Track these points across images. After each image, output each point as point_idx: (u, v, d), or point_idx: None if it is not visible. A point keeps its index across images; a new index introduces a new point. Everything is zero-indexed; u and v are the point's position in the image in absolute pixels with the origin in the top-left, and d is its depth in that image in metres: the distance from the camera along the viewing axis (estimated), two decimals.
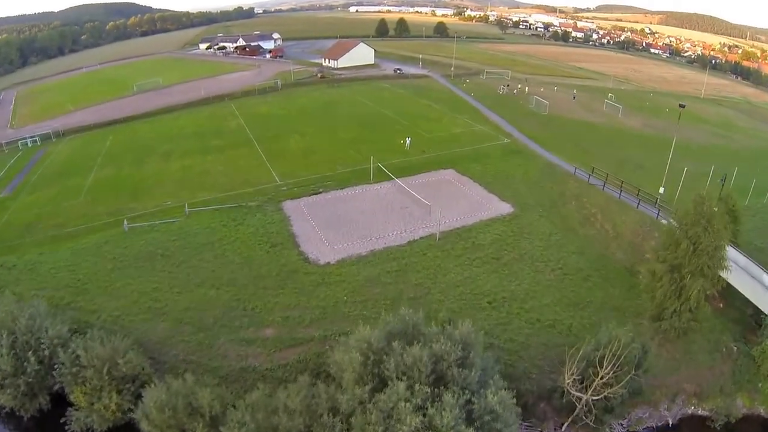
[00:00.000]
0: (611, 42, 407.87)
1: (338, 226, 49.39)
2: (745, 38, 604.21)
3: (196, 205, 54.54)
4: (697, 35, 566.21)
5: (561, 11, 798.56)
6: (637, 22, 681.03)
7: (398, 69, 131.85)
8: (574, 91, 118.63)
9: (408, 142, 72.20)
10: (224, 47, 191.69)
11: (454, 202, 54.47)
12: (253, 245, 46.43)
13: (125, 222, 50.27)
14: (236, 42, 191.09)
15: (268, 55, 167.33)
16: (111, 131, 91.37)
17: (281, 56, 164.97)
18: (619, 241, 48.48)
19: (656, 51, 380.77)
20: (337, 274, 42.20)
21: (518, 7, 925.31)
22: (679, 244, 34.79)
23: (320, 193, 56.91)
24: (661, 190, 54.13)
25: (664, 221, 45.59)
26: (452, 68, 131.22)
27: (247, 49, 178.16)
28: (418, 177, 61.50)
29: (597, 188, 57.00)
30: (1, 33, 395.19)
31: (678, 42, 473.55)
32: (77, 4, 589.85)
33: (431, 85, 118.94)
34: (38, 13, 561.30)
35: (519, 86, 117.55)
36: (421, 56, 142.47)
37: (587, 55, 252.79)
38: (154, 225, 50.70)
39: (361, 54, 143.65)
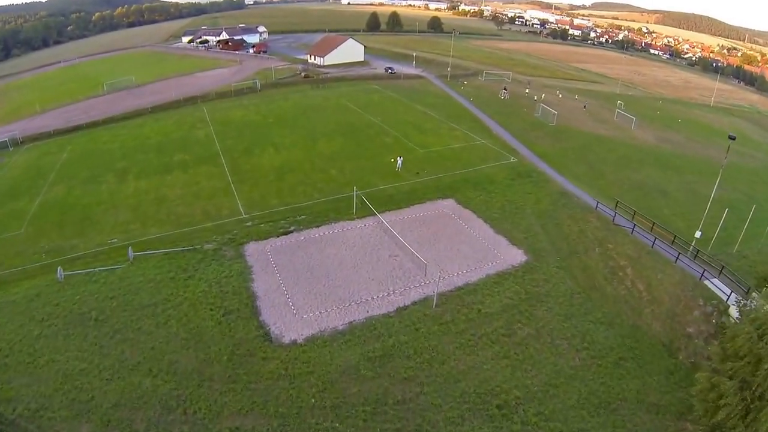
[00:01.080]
0: (609, 41, 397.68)
1: (310, 283, 39.13)
2: (743, 40, 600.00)
3: (145, 244, 44.66)
4: (694, 36, 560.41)
5: (557, 8, 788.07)
6: (634, 20, 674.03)
7: (390, 68, 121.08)
8: (587, 101, 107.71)
9: (400, 162, 61.80)
10: (206, 41, 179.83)
11: (455, 248, 44.28)
12: (203, 311, 36.09)
13: (60, 270, 39.99)
14: (219, 35, 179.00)
15: (251, 50, 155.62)
16: (71, 140, 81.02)
17: (265, 51, 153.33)
18: (654, 307, 38.52)
19: (656, 52, 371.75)
20: (305, 360, 32.02)
21: (513, 3, 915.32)
22: (759, 361, 25.04)
23: (291, 232, 46.50)
24: (698, 234, 44.25)
25: (716, 288, 36.06)
26: (449, 68, 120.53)
27: (230, 43, 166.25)
28: (412, 210, 51.20)
29: (624, 231, 47.02)
30: None
31: (677, 42, 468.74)
32: None
33: (426, 87, 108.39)
34: (25, 3, 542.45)
35: (526, 92, 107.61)
36: (414, 54, 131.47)
37: (588, 55, 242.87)
38: (92, 273, 40.47)
39: (350, 51, 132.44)
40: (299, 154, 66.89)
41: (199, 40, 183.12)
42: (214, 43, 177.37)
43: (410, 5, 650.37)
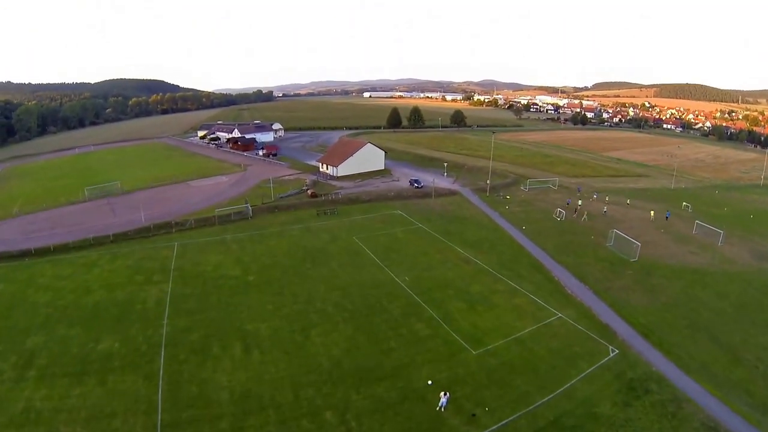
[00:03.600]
0: (623, 120, 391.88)
1: None
2: (738, 102, 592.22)
3: None
4: (693, 104, 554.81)
5: (562, 91, 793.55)
6: (634, 96, 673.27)
7: (416, 182, 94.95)
8: (653, 207, 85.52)
9: (444, 401, 33.00)
10: (217, 138, 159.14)
11: None
12: None
13: None
14: (232, 132, 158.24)
15: (260, 152, 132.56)
16: (8, 273, 56.72)
17: (275, 155, 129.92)
18: None
19: (668, 126, 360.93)
20: None
21: (522, 89, 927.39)
22: None
23: None
24: None
25: None
26: (488, 181, 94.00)
27: (239, 143, 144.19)
28: None
29: None
30: (36, 99, 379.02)
31: (680, 113, 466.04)
32: (112, 78, 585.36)
33: (463, 209, 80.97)
34: (76, 83, 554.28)
35: (579, 204, 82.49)
36: (446, 164, 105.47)
37: (613, 139, 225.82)
38: None
39: (368, 158, 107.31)
40: (278, 365, 38.00)
41: (210, 137, 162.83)
42: (225, 141, 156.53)
43: (428, 97, 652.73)
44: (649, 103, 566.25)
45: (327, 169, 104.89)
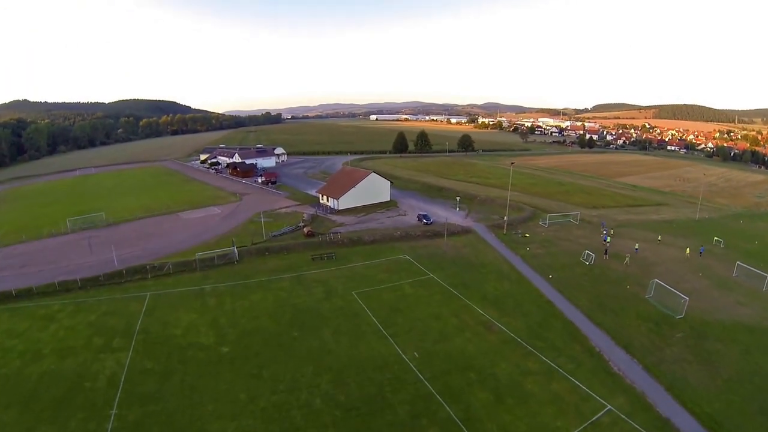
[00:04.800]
0: (627, 142, 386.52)
1: None
2: (734, 121, 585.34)
3: None
4: (691, 125, 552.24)
5: (564, 113, 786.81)
6: (634, 118, 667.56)
7: (425, 217, 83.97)
8: (701, 249, 73.67)
9: None
10: (218, 163, 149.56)
11: None
12: None
13: None
14: (233, 157, 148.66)
15: (259, 179, 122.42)
16: None
17: (274, 182, 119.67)
18: None
19: (672, 148, 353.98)
20: None
21: (524, 112, 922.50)
22: None
23: None
24: None
25: None
26: (505, 217, 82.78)
27: (239, 168, 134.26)
28: None
29: None
30: (50, 117, 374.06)
31: (680, 133, 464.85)
32: (125, 98, 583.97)
33: (479, 252, 69.36)
34: (90, 102, 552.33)
35: (607, 243, 72.24)
36: (458, 198, 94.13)
37: (623, 163, 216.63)
38: None
39: (372, 189, 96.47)
40: None
41: (211, 161, 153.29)
42: (225, 166, 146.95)
43: (433, 120, 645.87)
44: (649, 124, 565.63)
45: (327, 201, 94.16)
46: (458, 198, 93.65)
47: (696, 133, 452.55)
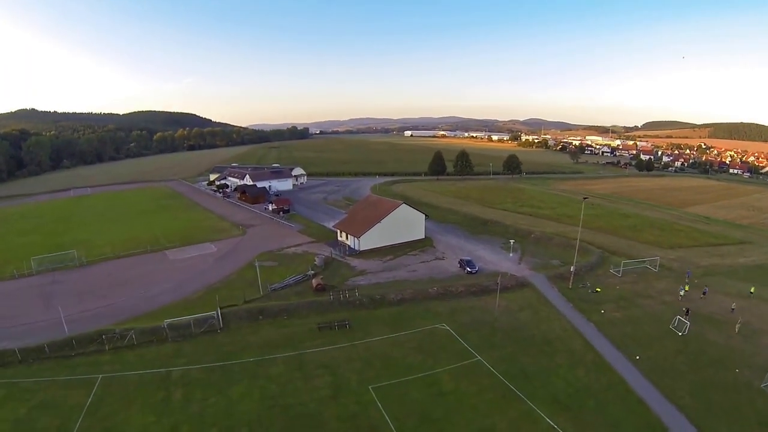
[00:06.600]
0: (686, 165, 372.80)
1: None
2: None
3: None
4: (749, 145, 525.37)
5: (613, 131, 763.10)
6: (687, 137, 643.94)
7: (468, 263, 71.40)
8: None
9: None
10: (226, 185, 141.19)
11: None
12: None
13: None
14: (244, 178, 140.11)
15: (270, 207, 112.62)
16: None
17: (287, 211, 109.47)
18: None
19: (735, 171, 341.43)
20: None
21: (570, 129, 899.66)
22: None
23: None
24: None
25: None
26: (572, 268, 69.15)
27: (247, 193, 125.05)
28: None
29: None
30: (57, 129, 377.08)
31: (739, 154, 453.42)
32: (141, 110, 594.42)
33: (541, 320, 55.90)
34: (103, 113, 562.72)
35: (682, 291, 60.74)
36: (512, 242, 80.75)
37: (687, 189, 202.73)
38: None
39: (402, 223, 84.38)
40: None
41: (218, 184, 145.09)
42: (233, 189, 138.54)
43: (473, 137, 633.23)
44: (704, 144, 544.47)
45: (346, 238, 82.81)
46: (512, 241, 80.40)
47: (756, 154, 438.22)
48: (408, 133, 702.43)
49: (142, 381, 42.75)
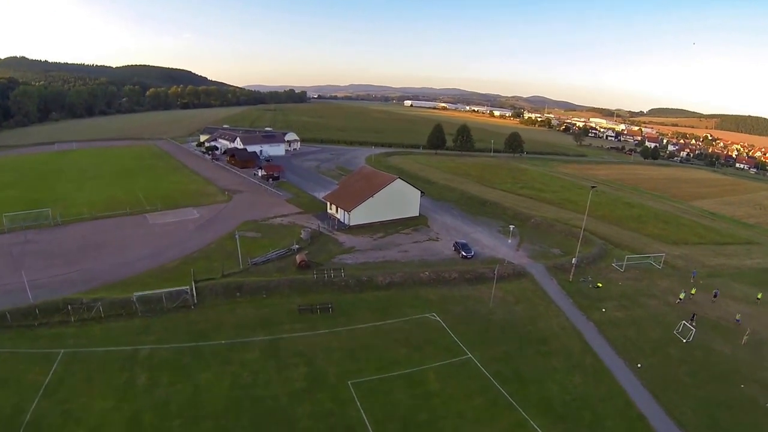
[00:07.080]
0: (691, 155, 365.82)
1: None
2: None
3: None
4: (756, 139, 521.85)
5: (618, 115, 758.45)
6: (693, 127, 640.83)
7: (462, 246, 68.28)
8: None
9: None
10: (215, 148, 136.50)
11: None
12: None
13: None
14: (234, 141, 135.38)
15: (259, 172, 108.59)
16: None
17: (277, 177, 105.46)
18: None
19: (741, 166, 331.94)
20: None
21: (574, 110, 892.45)
22: None
23: None
24: None
25: None
26: (574, 260, 66.26)
27: (236, 156, 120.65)
28: None
29: None
30: (47, 79, 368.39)
31: (746, 148, 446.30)
32: (135, 63, 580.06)
33: (537, 315, 53.05)
34: (95, 65, 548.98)
35: (714, 298, 59.27)
36: (512, 227, 77.17)
37: (693, 181, 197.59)
38: None
39: (396, 199, 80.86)
40: None
41: (208, 145, 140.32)
42: (222, 152, 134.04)
43: (474, 111, 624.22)
44: (711, 135, 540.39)
45: (336, 212, 79.33)
46: (512, 227, 77.04)
47: (763, 149, 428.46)
48: (408, 102, 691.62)
49: (106, 359, 39.79)
